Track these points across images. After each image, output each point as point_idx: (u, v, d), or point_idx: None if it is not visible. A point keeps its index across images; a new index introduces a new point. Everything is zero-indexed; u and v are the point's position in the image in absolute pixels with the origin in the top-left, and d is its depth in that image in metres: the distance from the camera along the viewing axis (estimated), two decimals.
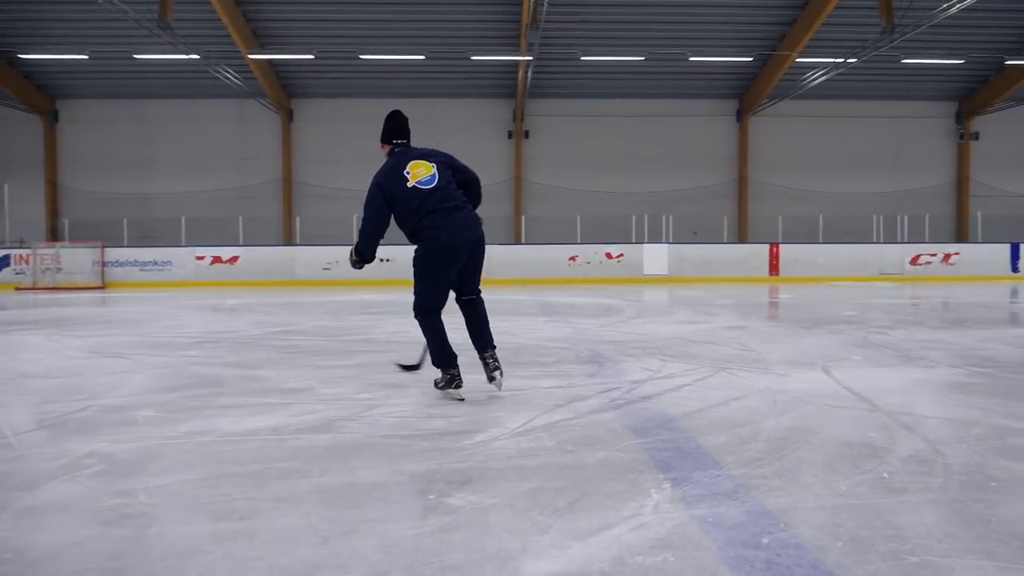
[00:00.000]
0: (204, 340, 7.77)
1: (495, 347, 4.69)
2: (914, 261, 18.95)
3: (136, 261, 18.84)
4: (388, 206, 4.39)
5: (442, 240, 4.31)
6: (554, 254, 20.11)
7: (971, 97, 23.72)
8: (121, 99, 23.62)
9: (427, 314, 4.53)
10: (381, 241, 4.56)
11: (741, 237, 23.79)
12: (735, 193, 24.41)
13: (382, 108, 22.23)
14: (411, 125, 4.84)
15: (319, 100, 24.02)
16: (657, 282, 19.33)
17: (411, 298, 4.73)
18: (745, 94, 23.90)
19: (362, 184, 20.17)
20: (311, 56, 20.33)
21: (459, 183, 4.52)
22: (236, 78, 20.82)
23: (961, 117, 24.07)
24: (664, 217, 21.77)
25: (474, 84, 23.70)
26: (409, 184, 4.35)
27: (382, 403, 4.51)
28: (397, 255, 19.09)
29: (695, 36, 20.63)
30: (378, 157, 4.80)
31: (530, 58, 19.52)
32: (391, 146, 4.59)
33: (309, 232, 21.99)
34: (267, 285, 18.37)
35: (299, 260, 19.24)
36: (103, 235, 19.82)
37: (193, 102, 23.63)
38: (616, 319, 9.65)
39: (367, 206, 4.38)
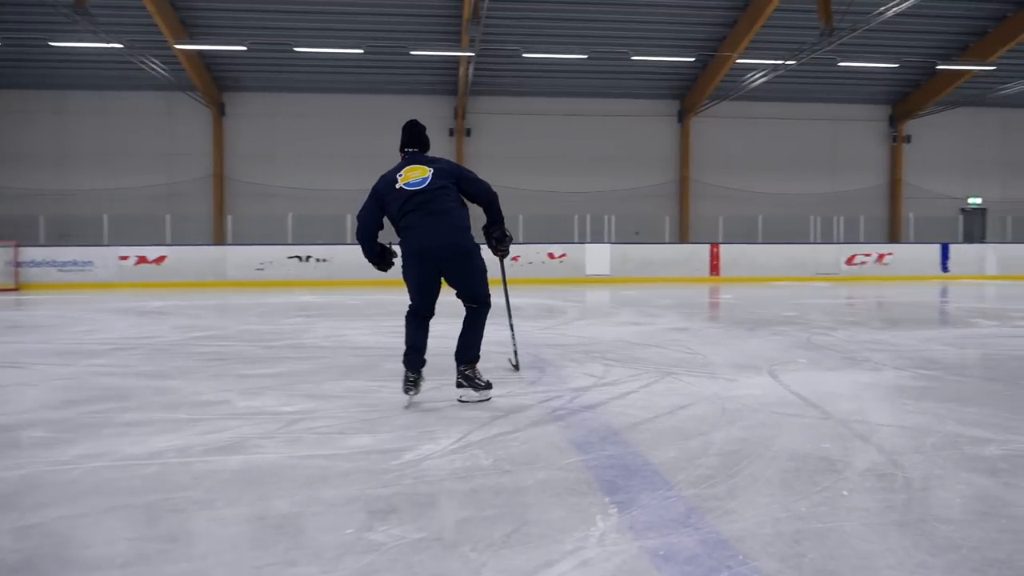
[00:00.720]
0: (118, 347, 7.23)
1: (471, 361, 4.48)
2: (850, 261, 19.29)
3: (54, 261, 17.82)
4: (378, 207, 4.40)
5: (411, 241, 4.26)
6: None
7: (904, 101, 24.34)
8: (37, 89, 22.36)
9: (409, 314, 4.47)
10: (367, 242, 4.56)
11: (682, 237, 23.92)
12: (676, 193, 24.53)
13: (319, 103, 21.63)
14: (348, 122, 4.53)
15: (252, 94, 23.20)
16: (599, 282, 19.23)
17: (349, 299, 4.42)
18: (686, 95, 24.03)
19: (298, 182, 19.54)
20: (243, 48, 19.57)
21: (469, 196, 4.45)
22: (163, 69, 19.91)
23: (894, 121, 24.68)
24: (606, 217, 21.70)
25: (414, 80, 23.23)
26: (398, 185, 4.33)
27: (305, 417, 4.14)
28: (334, 256, 18.57)
29: (637, 35, 20.60)
30: (316, 153, 4.44)
31: (472, 54, 19.18)
32: (403, 154, 4.58)
33: (242, 231, 21.19)
34: (196, 287, 17.60)
35: (231, 260, 18.50)
36: (18, 234, 18.69)
37: (117, 94, 22.53)
38: (558, 321, 9.42)
39: (360, 209, 4.50)
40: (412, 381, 4.34)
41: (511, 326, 5.62)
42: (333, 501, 2.78)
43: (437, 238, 4.23)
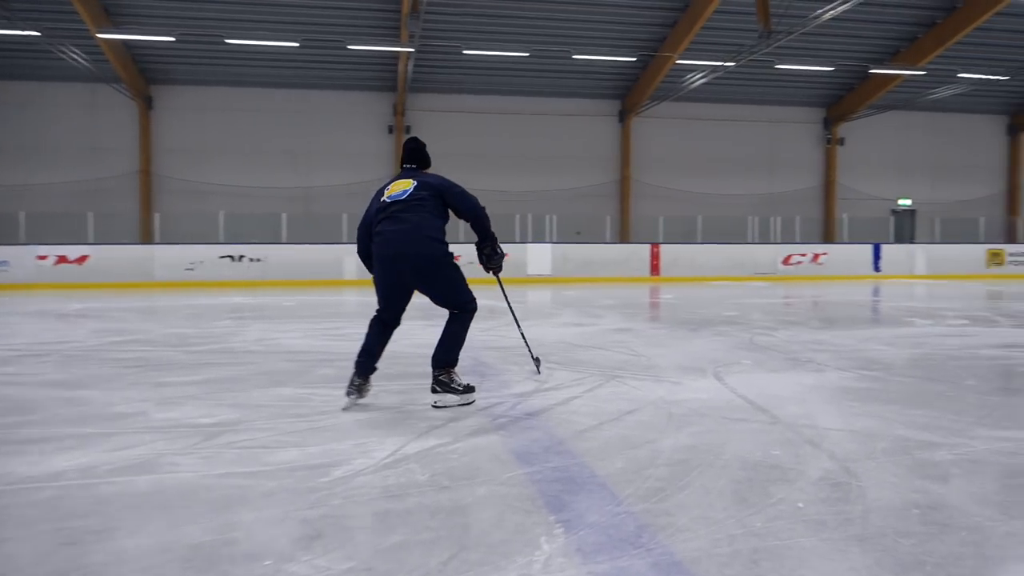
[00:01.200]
0: (27, 353, 6.73)
1: (446, 366, 4.37)
2: (786, 261, 19.63)
3: None
4: (369, 221, 4.43)
5: (378, 247, 4.28)
6: None
7: (838, 104, 24.94)
8: None
9: (373, 318, 4.43)
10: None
11: (623, 237, 24.02)
12: (617, 193, 24.62)
13: (252, 98, 20.89)
14: (284, 117, 4.28)
15: (182, 87, 22.33)
16: (541, 282, 19.12)
17: (284, 301, 4.15)
18: (627, 95, 24.14)
19: (231, 179, 18.82)
20: (171, 38, 18.78)
21: (456, 211, 4.42)
22: (85, 60, 18.98)
23: (829, 123, 25.28)
24: (548, 217, 21.63)
25: (352, 75, 22.73)
26: (383, 197, 4.38)
27: (227, 429, 3.83)
28: (268, 255, 18.00)
29: (579, 34, 20.57)
30: (250, 150, 4.12)
31: (411, 50, 18.83)
32: (401, 170, 4.60)
33: (171, 230, 20.35)
34: (121, 287, 16.81)
35: (159, 260, 17.74)
36: None
37: (36, 85, 21.38)
38: (499, 322, 9.22)
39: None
40: (355, 385, 4.27)
41: (522, 334, 5.64)
42: (251, 527, 2.51)
43: (399, 246, 4.19)
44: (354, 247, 4.63)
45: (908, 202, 25.47)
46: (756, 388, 4.79)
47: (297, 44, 19.31)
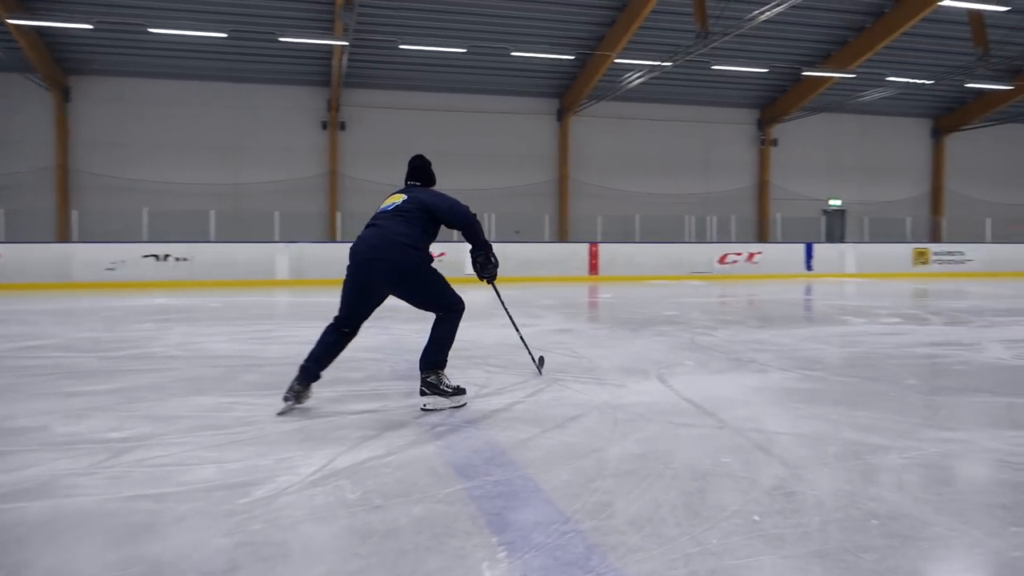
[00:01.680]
0: None
1: (434, 367, 4.29)
2: (722, 260, 19.89)
3: None
4: None
5: (351, 250, 4.26)
6: None
7: (772, 105, 25.45)
8: None
9: (330, 324, 4.32)
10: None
11: (562, 236, 24.00)
12: (556, 192, 24.59)
13: (179, 90, 20.05)
14: (212, 111, 3.97)
15: (102, 78, 21.29)
16: (480, 282, 18.85)
17: (210, 302, 3.83)
18: (566, 93, 24.12)
19: (155, 175, 17.94)
20: (90, 26, 17.85)
21: (447, 224, 4.42)
22: None
23: (762, 124, 25.78)
24: (486, 215, 21.39)
25: (285, 69, 22.09)
26: (378, 209, 4.46)
27: (139, 444, 3.51)
28: (195, 254, 17.30)
29: (517, 31, 20.42)
30: (176, 145, 3.76)
31: (345, 43, 18.37)
32: (404, 187, 4.64)
33: (90, 228, 19.38)
34: (36, 288, 15.90)
35: (77, 259, 16.85)
36: None
37: None
38: None
39: None
40: (294, 391, 4.12)
41: (521, 337, 5.52)
42: (157, 560, 2.23)
43: (372, 250, 4.15)
44: (286, 245, 4.52)
45: (838, 202, 26.19)
46: (701, 390, 4.69)
47: (225, 35, 18.61)
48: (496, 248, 4.74)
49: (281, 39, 18.93)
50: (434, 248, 4.49)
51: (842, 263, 20.59)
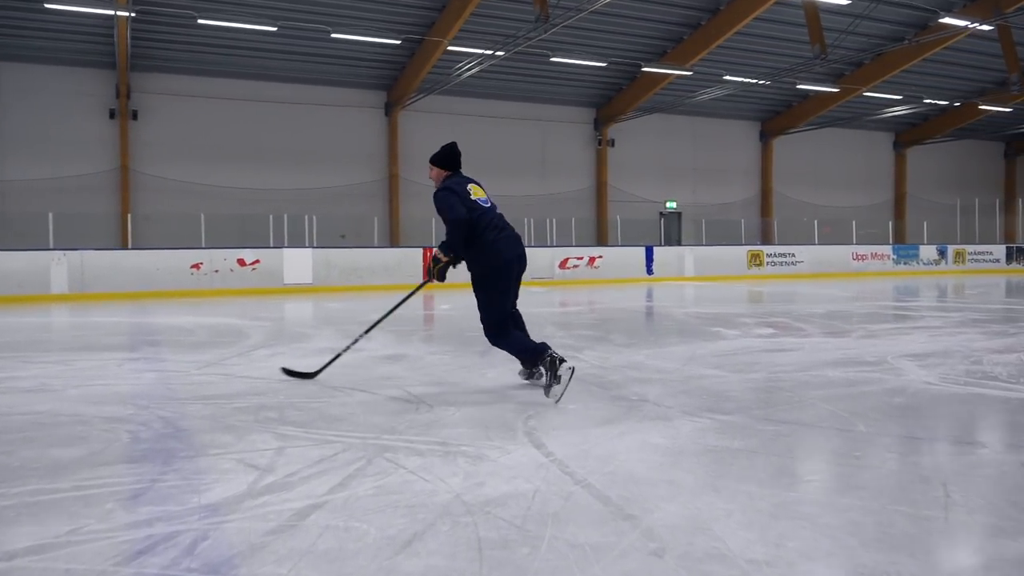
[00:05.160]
0: None
1: (524, 364, 4.83)
2: (563, 265, 18.89)
3: None
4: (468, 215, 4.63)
5: (505, 245, 4.66)
6: (172, 261, 16.32)
7: (607, 105, 24.91)
8: None
9: (503, 324, 4.65)
10: None
11: (393, 240, 22.14)
12: (385, 192, 22.68)
13: None
14: None
15: None
16: (300, 292, 16.69)
17: None
18: (394, 85, 22.27)
19: None
20: None
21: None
22: None
23: (599, 124, 25.20)
24: (307, 217, 19.19)
25: (58, 46, 18.68)
26: (472, 196, 4.76)
27: None
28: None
29: (338, 11, 18.34)
30: None
31: (129, 14, 15.54)
32: (458, 173, 5.01)
33: None
34: None
35: None
36: None
37: None
38: (232, 351, 6.98)
39: (451, 210, 4.60)
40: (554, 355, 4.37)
41: (339, 354, 5.25)
42: None
43: (521, 246, 4.78)
44: (64, 253, 3.10)
45: (674, 204, 26.17)
46: (596, 461, 3.17)
47: None
48: (319, 254, 3.74)
49: (48, 4, 15.73)
50: None
51: (681, 266, 20.27)
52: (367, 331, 5.36)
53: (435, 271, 4.74)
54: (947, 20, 18.24)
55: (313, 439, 3.63)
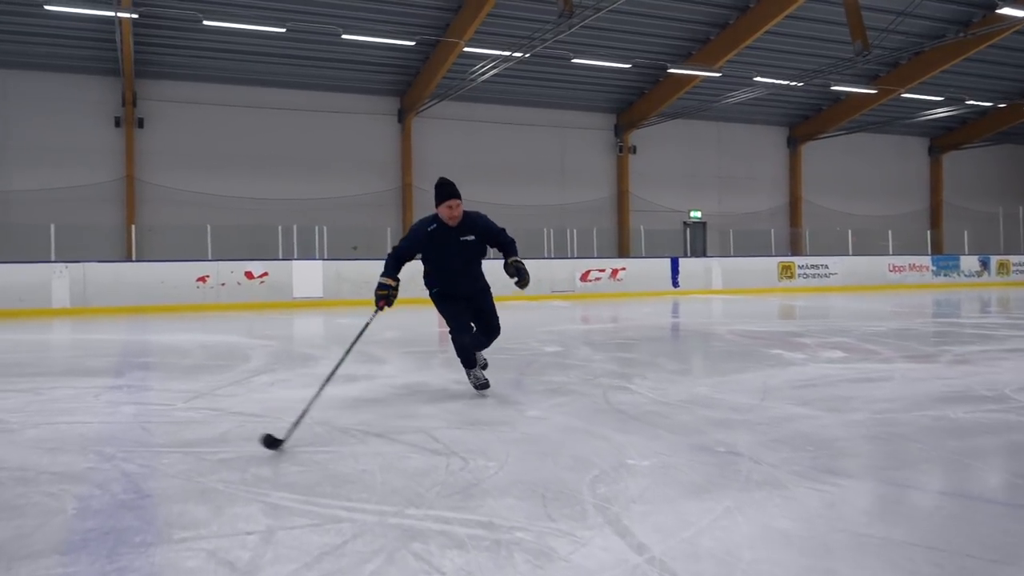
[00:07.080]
0: None
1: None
2: (584, 277, 17.95)
3: None
4: None
5: None
6: (177, 274, 15.59)
7: (628, 110, 23.89)
8: None
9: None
10: None
11: None
12: (398, 202, 21.83)
13: None
14: None
15: None
16: (310, 306, 15.87)
17: None
18: (408, 91, 21.43)
19: None
20: None
21: None
22: None
23: (620, 130, 24.19)
24: (318, 228, 18.36)
25: (61, 53, 18.00)
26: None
27: None
28: None
29: (349, 12, 17.52)
30: None
31: (132, 16, 14.80)
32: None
33: None
34: None
35: None
36: None
37: None
38: (227, 377, 6.11)
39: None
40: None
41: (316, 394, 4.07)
42: None
43: None
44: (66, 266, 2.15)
45: (699, 214, 25.13)
46: (714, 563, 2.24)
47: None
48: (329, 267, 2.84)
49: (49, 7, 15.02)
50: None
51: (708, 279, 19.27)
52: (335, 368, 4.43)
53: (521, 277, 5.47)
54: (1006, 11, 16.72)
55: (314, 515, 2.71)
